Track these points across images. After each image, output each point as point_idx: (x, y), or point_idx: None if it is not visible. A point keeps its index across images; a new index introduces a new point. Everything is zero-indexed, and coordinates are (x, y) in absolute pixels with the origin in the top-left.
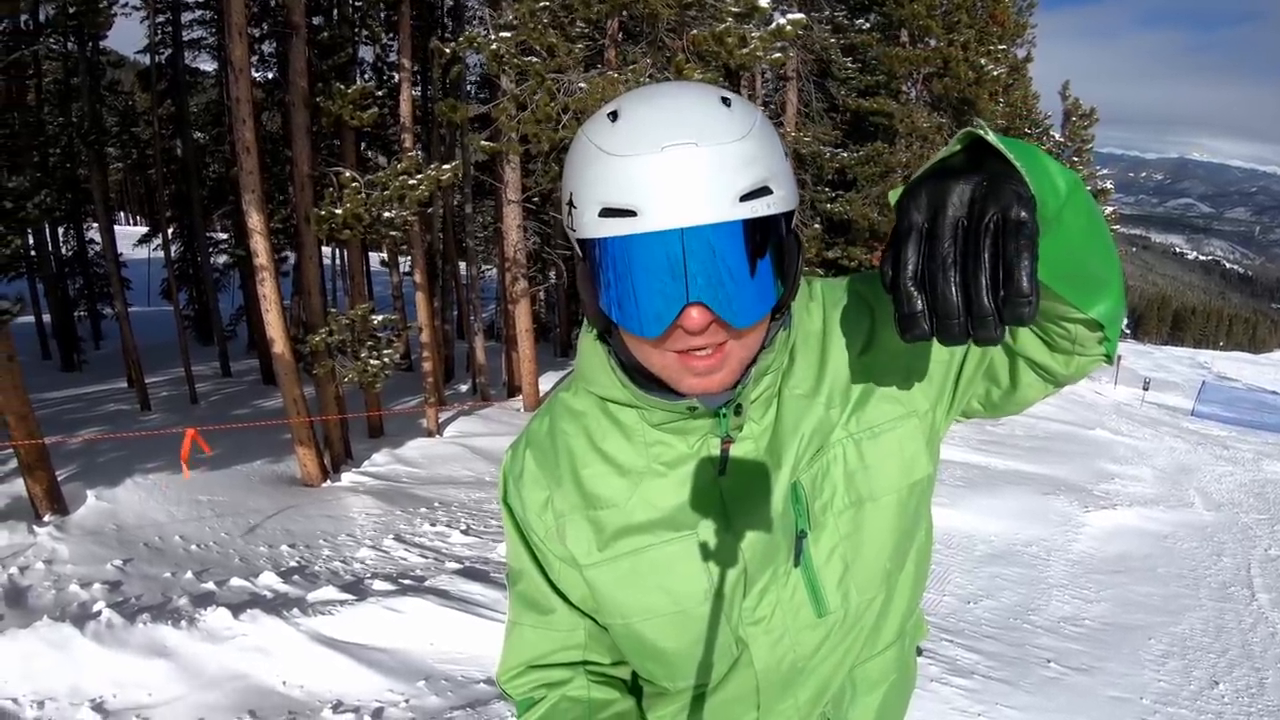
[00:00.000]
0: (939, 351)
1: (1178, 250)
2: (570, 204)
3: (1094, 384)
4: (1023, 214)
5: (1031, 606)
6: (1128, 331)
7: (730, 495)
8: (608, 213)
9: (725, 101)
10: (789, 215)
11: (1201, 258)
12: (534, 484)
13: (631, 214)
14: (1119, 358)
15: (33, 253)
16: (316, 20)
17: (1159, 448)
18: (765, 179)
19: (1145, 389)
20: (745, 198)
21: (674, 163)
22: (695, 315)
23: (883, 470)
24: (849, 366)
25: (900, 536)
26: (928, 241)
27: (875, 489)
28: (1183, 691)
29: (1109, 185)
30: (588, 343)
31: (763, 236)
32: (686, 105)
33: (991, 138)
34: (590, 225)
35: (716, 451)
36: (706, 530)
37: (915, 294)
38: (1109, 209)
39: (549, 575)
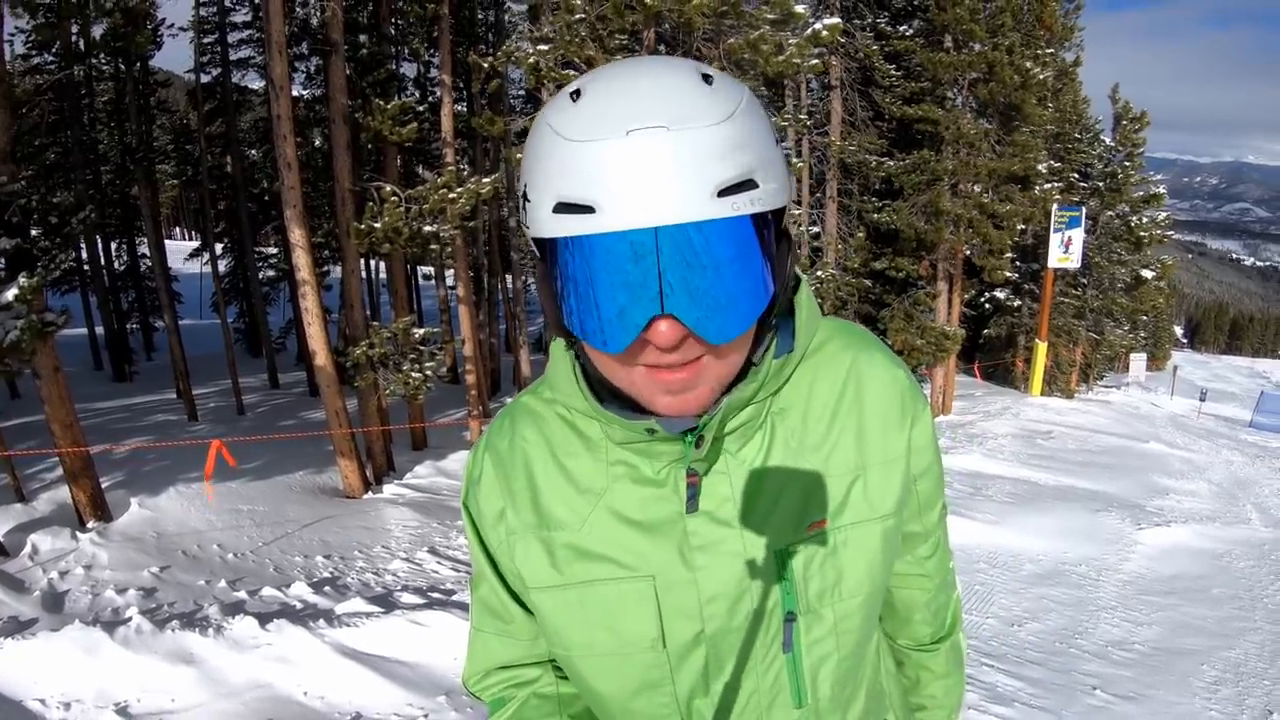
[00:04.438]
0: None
1: (1234, 256)
2: (525, 197)
3: (1149, 395)
4: None
5: (1079, 630)
6: (1184, 341)
7: (696, 540)
8: (563, 208)
9: (707, 79)
10: (779, 212)
11: (1259, 264)
12: (490, 492)
13: (589, 210)
14: (1175, 368)
15: (86, 267)
16: (359, 38)
17: (1215, 461)
18: (750, 170)
19: (1202, 400)
20: (725, 192)
21: (640, 150)
22: (665, 329)
23: (869, 565)
24: (860, 443)
25: (869, 634)
26: None
27: (864, 583)
28: None
29: (1162, 190)
30: (556, 345)
31: (747, 238)
32: (659, 82)
33: None
34: (544, 222)
35: (683, 484)
36: (664, 575)
37: None
38: (1162, 214)
39: (507, 584)
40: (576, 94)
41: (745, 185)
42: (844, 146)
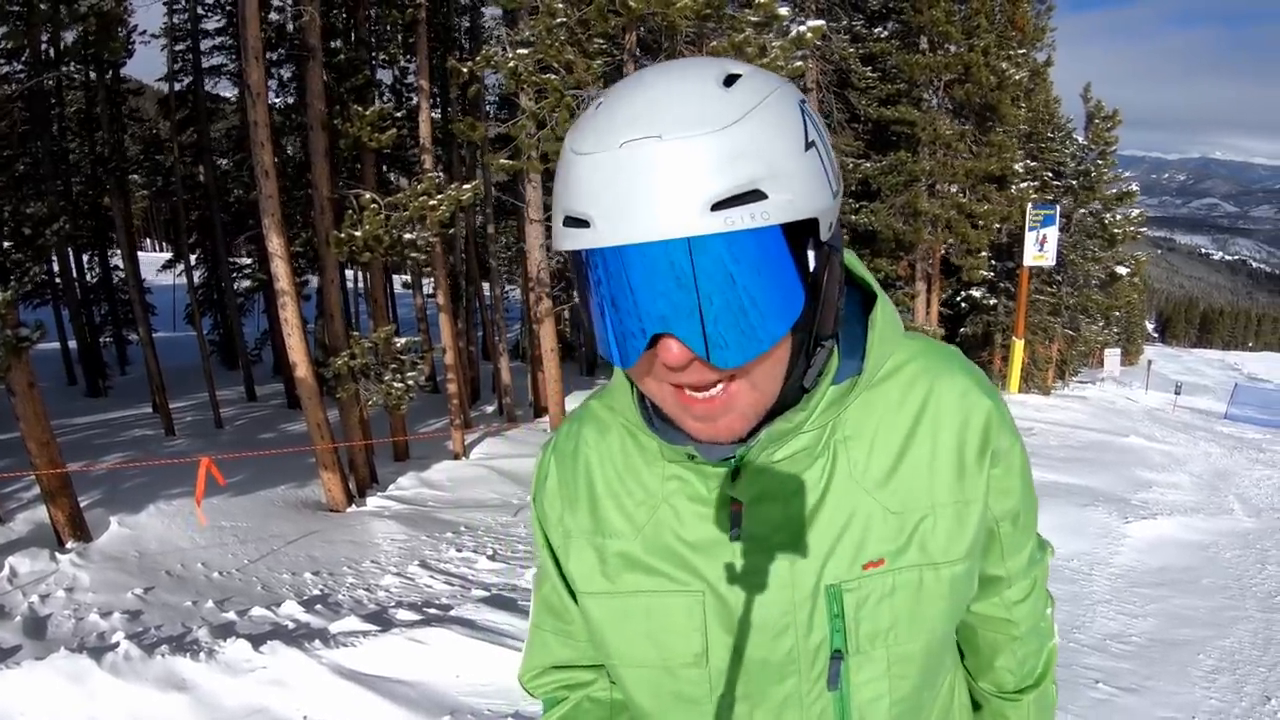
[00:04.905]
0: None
1: (1203, 251)
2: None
3: (1125, 390)
4: None
5: (1076, 624)
6: (1155, 336)
7: (742, 565)
8: (570, 221)
9: (729, 80)
10: (809, 224)
11: (1228, 258)
12: (553, 495)
13: (585, 224)
14: (1149, 362)
15: (58, 280)
16: (334, 44)
17: (1194, 453)
18: (754, 180)
19: (1177, 393)
20: (720, 205)
21: (628, 162)
22: (675, 349)
23: (930, 611)
24: (932, 479)
25: (932, 677)
26: None
27: (922, 630)
28: (1234, 709)
29: (1135, 187)
30: None
31: (754, 254)
32: (668, 88)
33: None
34: (558, 235)
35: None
36: (710, 595)
37: None
38: (1135, 211)
39: (568, 584)
40: (600, 104)
41: (747, 197)
42: None
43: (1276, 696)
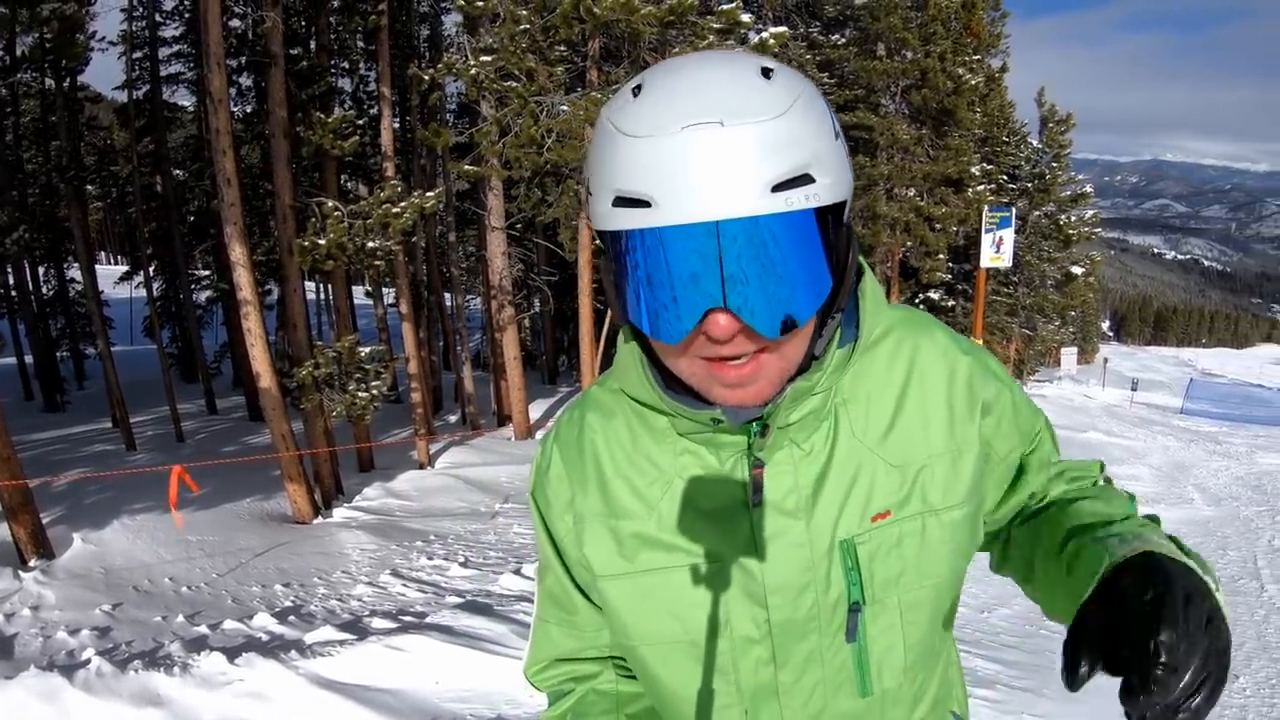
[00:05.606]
0: (1002, 468)
1: (1156, 251)
2: (588, 190)
3: (1082, 387)
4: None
5: None
6: (1110, 334)
7: (761, 530)
8: (621, 201)
9: (766, 73)
10: (838, 207)
11: (1180, 257)
12: (559, 482)
13: (645, 204)
14: (1105, 360)
15: (13, 293)
16: (294, 50)
17: (1153, 447)
18: (805, 165)
19: (1134, 390)
20: (779, 187)
21: (693, 146)
22: (723, 322)
23: (936, 555)
24: (926, 433)
25: (938, 622)
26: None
27: (930, 573)
28: None
29: (1089, 189)
30: (624, 337)
31: (803, 233)
32: (716, 77)
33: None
34: (604, 215)
35: (748, 475)
36: (730, 564)
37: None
38: (1089, 212)
39: (572, 575)
40: (638, 89)
41: (800, 180)
42: None
43: (1244, 675)
